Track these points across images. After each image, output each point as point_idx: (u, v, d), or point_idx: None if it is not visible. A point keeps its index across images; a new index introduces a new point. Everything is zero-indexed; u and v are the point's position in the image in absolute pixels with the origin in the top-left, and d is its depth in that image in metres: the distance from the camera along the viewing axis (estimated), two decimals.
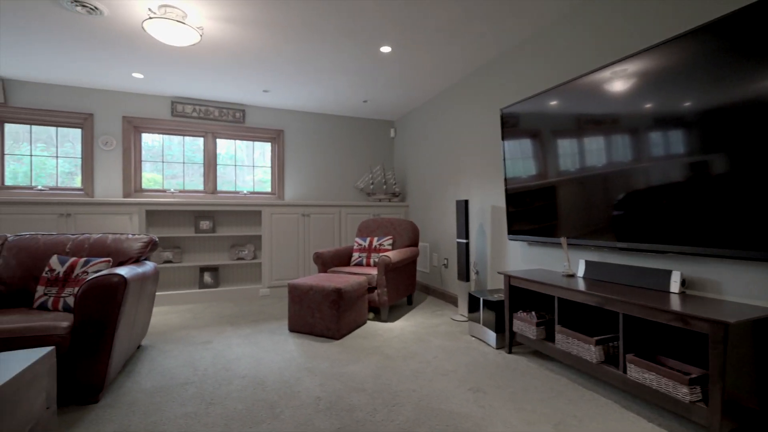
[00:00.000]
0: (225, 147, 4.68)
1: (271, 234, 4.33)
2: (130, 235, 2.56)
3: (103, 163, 4.10)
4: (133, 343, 2.33)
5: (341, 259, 3.81)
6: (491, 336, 2.64)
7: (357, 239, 3.91)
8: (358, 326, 3.10)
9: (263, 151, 4.85)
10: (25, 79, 3.78)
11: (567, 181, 2.39)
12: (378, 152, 5.36)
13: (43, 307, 2.12)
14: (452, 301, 3.89)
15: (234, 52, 3.16)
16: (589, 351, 1.92)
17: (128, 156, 4.17)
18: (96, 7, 2.49)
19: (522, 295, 2.54)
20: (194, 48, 3.09)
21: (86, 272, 2.19)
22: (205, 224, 4.27)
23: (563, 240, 2.37)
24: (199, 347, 2.65)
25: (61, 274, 2.19)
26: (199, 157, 4.55)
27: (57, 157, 4.02)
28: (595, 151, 2.20)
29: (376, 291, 3.25)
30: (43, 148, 3.99)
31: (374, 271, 3.37)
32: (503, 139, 2.92)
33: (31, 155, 3.94)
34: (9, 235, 2.42)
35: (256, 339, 2.82)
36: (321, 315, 2.85)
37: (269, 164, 4.88)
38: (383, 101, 4.52)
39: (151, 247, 2.57)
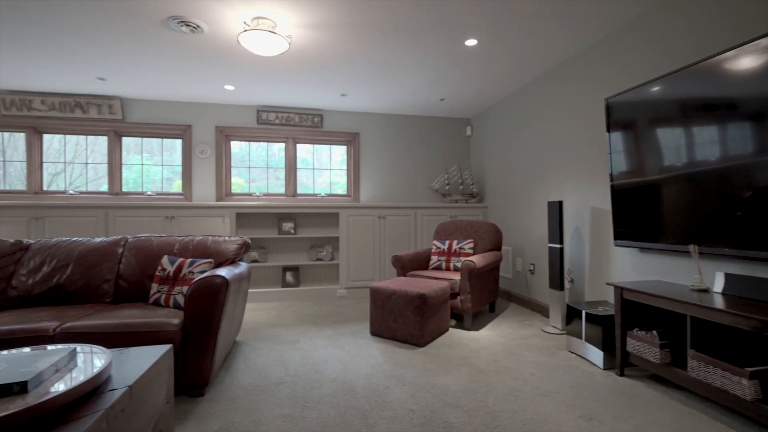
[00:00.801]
0: (299, 150, 4.85)
1: (348, 235, 4.38)
2: (226, 238, 2.72)
3: (199, 170, 4.47)
4: (231, 339, 2.46)
5: (420, 262, 3.71)
6: (596, 354, 2.34)
7: (435, 242, 3.78)
8: (441, 333, 2.97)
9: (331, 153, 4.94)
10: (138, 97, 4.26)
11: (693, 176, 2.02)
12: (453, 151, 5.18)
13: (156, 303, 2.32)
14: (540, 310, 3.58)
15: (317, 57, 3.22)
16: (740, 385, 1.58)
17: (220, 162, 4.51)
18: (198, 26, 2.68)
19: (635, 310, 2.21)
20: (280, 57, 3.21)
21: (192, 272, 2.35)
22: (287, 226, 4.45)
23: (693, 248, 2.00)
24: (288, 346, 2.73)
25: (171, 273, 2.38)
26: (274, 161, 4.75)
27: (162, 165, 4.48)
28: (737, 141, 1.82)
29: (458, 297, 3.10)
30: (148, 158, 4.47)
31: (456, 276, 3.21)
32: (609, 130, 2.59)
33: (142, 164, 4.45)
34: (129, 237, 2.71)
35: (340, 341, 2.83)
36: (404, 320, 2.77)
37: (344, 167, 4.95)
38: (461, 98, 4.33)
39: (245, 249, 2.70)
